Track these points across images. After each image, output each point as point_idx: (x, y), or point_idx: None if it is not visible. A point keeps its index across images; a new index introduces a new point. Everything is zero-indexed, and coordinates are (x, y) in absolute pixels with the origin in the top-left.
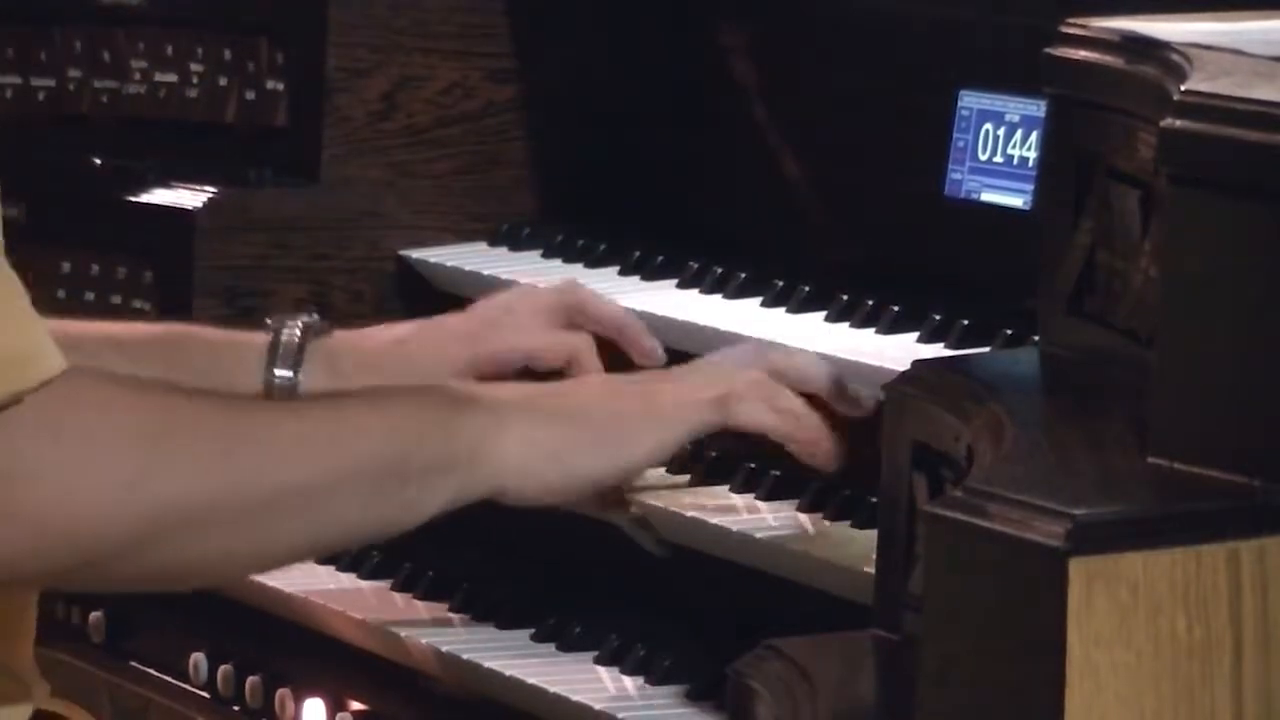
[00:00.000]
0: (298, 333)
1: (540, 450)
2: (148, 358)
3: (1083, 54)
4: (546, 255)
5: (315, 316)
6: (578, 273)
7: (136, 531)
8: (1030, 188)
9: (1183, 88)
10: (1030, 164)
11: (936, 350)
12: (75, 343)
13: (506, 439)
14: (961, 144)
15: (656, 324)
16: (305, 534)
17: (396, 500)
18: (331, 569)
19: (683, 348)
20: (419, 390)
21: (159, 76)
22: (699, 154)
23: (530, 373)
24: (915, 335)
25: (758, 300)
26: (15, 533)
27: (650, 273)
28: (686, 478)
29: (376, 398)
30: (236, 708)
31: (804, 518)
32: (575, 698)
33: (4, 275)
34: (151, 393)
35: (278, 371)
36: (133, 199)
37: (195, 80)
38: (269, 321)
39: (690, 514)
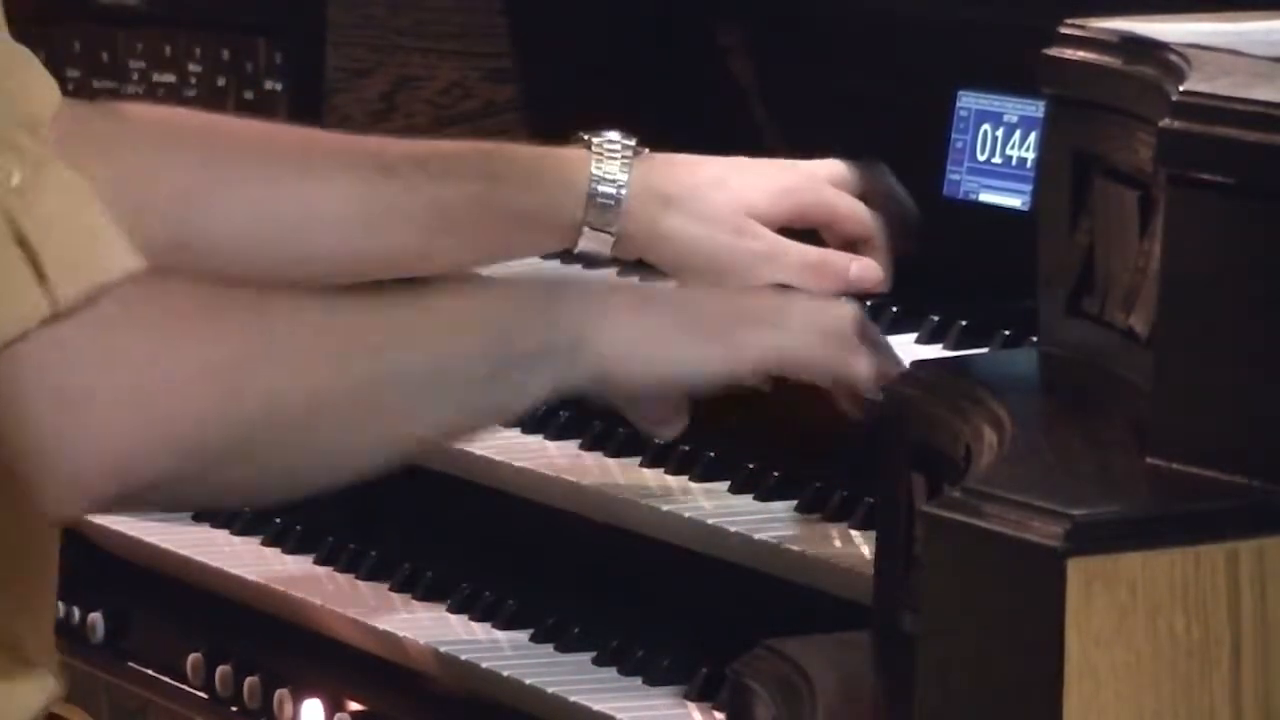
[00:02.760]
0: (618, 148)
1: (647, 336)
2: (469, 172)
3: (1081, 54)
4: (545, 255)
5: (633, 139)
6: (577, 272)
7: (247, 423)
8: (1029, 188)
9: (1181, 88)
10: (1029, 164)
11: (935, 351)
12: (391, 164)
13: (611, 323)
14: (960, 144)
15: None
16: (413, 423)
17: (502, 385)
18: (330, 569)
19: None
20: (515, 279)
21: (157, 77)
22: (699, 154)
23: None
24: (914, 336)
25: None
26: (122, 436)
27: (650, 273)
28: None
29: (474, 286)
30: (235, 708)
31: (804, 518)
32: (574, 698)
33: (65, 177)
34: (242, 289)
35: (601, 188)
36: None
37: (194, 81)
38: (585, 136)
39: (689, 514)
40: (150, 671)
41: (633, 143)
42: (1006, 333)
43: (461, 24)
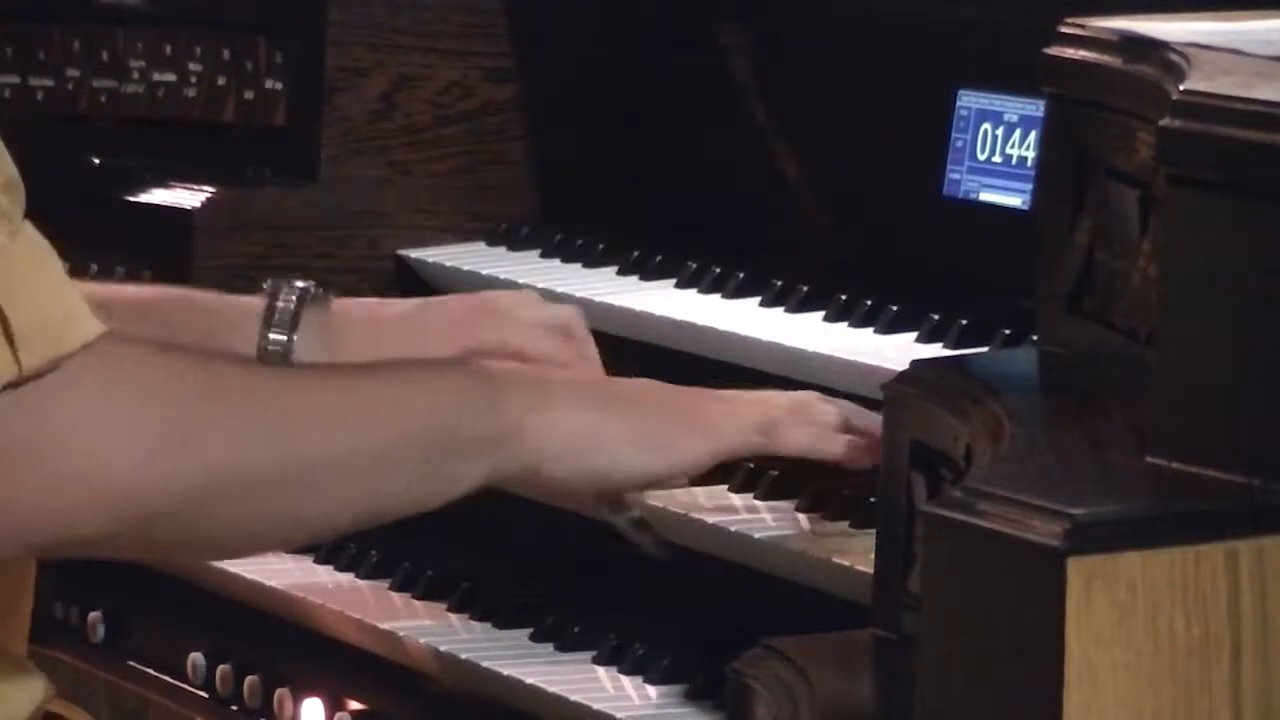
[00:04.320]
0: (294, 298)
1: (585, 436)
2: (146, 320)
3: (1081, 54)
4: (545, 255)
5: (312, 284)
6: (575, 272)
7: (185, 492)
8: (1029, 187)
9: (1181, 87)
10: (1029, 164)
11: (935, 350)
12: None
13: (552, 418)
14: (960, 143)
15: (655, 324)
16: (353, 503)
17: (444, 472)
18: (330, 568)
19: (681, 347)
20: (465, 362)
21: (157, 76)
22: (698, 154)
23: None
24: (914, 335)
25: (756, 300)
26: (67, 495)
27: (649, 272)
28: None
29: (423, 368)
30: (235, 707)
31: (803, 517)
32: (574, 697)
33: (34, 242)
34: (195, 358)
35: (272, 335)
36: (131, 198)
37: (193, 80)
38: (265, 286)
39: (690, 514)
40: (150, 671)
41: (310, 285)
42: (1006, 332)
43: (461, 24)
